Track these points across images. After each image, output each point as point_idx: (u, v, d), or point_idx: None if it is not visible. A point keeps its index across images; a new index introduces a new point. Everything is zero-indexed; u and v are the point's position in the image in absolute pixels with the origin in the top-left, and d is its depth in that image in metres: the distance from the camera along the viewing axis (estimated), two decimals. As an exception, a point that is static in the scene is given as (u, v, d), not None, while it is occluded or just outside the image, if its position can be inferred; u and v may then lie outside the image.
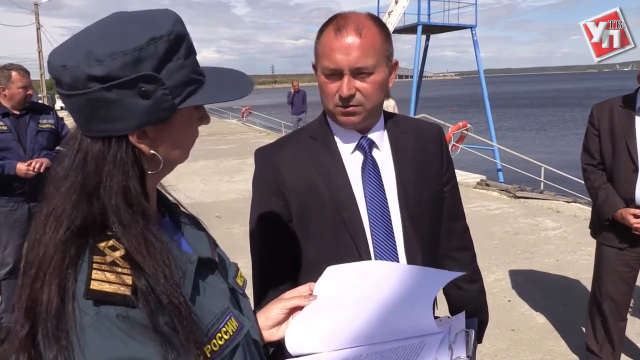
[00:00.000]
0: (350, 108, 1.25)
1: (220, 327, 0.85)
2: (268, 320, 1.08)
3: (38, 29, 32.05)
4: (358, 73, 1.22)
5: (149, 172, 0.83)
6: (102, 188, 0.77)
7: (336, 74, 1.23)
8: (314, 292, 1.09)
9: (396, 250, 1.31)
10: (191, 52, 0.82)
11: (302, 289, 1.10)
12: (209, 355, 0.81)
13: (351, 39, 1.21)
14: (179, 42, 0.79)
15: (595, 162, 2.80)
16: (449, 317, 1.06)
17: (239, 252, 4.71)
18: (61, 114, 4.35)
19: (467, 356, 0.88)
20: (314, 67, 1.33)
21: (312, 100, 13.13)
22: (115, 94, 0.74)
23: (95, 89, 0.73)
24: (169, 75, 0.77)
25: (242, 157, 12.23)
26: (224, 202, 7.84)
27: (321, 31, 1.28)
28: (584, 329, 3.27)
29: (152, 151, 0.81)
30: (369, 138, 1.34)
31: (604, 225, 2.78)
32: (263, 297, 1.42)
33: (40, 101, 26.65)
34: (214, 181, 9.67)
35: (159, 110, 0.78)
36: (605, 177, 2.76)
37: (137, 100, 0.75)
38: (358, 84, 1.23)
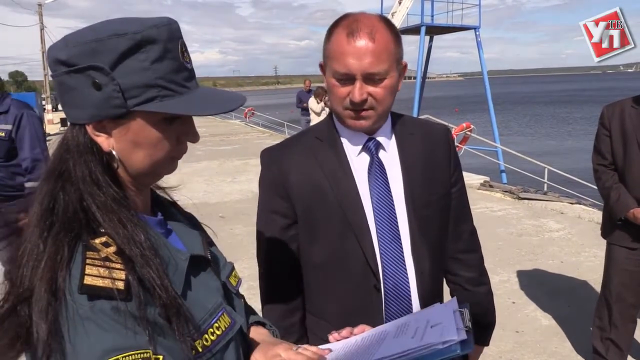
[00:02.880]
0: (362, 112, 1.24)
1: (213, 322, 0.86)
2: None
3: (42, 29, 32.17)
4: (370, 78, 1.21)
5: (115, 166, 0.83)
6: (73, 172, 0.80)
7: (348, 79, 1.21)
8: None
9: (402, 252, 1.30)
10: (165, 59, 0.80)
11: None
12: (200, 350, 0.82)
13: (364, 43, 1.18)
14: (146, 44, 0.78)
15: (606, 162, 2.78)
16: (440, 303, 1.08)
17: (242, 253, 4.74)
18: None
19: (466, 327, 0.91)
20: (322, 67, 1.32)
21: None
22: (73, 79, 0.78)
23: (60, 72, 0.78)
24: (124, 73, 0.77)
25: (246, 157, 12.23)
26: (227, 203, 7.84)
27: (331, 32, 1.25)
28: (589, 331, 3.26)
29: (109, 148, 0.82)
30: (376, 140, 1.33)
31: (615, 226, 2.76)
32: (269, 297, 1.42)
33: (43, 102, 26.62)
34: (217, 182, 9.67)
35: (110, 105, 0.78)
36: (617, 177, 2.74)
37: (91, 91, 0.77)
38: (370, 88, 1.22)
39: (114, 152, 0.82)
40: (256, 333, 1.06)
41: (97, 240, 0.77)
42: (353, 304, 1.31)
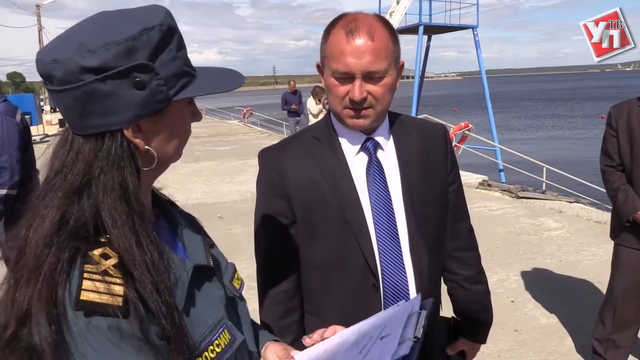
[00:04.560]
0: (362, 111, 1.25)
1: (213, 339, 0.83)
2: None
3: (40, 30, 32.12)
4: (369, 76, 1.21)
5: (144, 169, 0.82)
6: (94, 185, 0.75)
7: (347, 77, 1.22)
8: None
9: (401, 251, 1.31)
10: (182, 45, 0.82)
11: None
12: None
13: (363, 42, 1.19)
14: (170, 33, 0.79)
15: (614, 163, 2.75)
16: (405, 301, 1.07)
17: (241, 253, 4.74)
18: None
19: (415, 337, 0.88)
20: (319, 67, 1.32)
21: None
22: (109, 85, 0.73)
23: (89, 80, 0.72)
24: (162, 65, 0.77)
25: (244, 157, 12.23)
26: (226, 203, 7.83)
27: (329, 32, 1.26)
28: (587, 329, 3.26)
29: (146, 146, 0.80)
30: (374, 139, 1.34)
31: (623, 227, 2.73)
32: (267, 297, 1.42)
33: (42, 103, 26.48)
34: (216, 182, 9.66)
35: (154, 101, 0.77)
36: (624, 179, 2.71)
37: (132, 92, 0.74)
38: (369, 87, 1.22)
39: (151, 150, 0.81)
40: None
41: (96, 252, 0.73)
42: (352, 304, 1.31)
